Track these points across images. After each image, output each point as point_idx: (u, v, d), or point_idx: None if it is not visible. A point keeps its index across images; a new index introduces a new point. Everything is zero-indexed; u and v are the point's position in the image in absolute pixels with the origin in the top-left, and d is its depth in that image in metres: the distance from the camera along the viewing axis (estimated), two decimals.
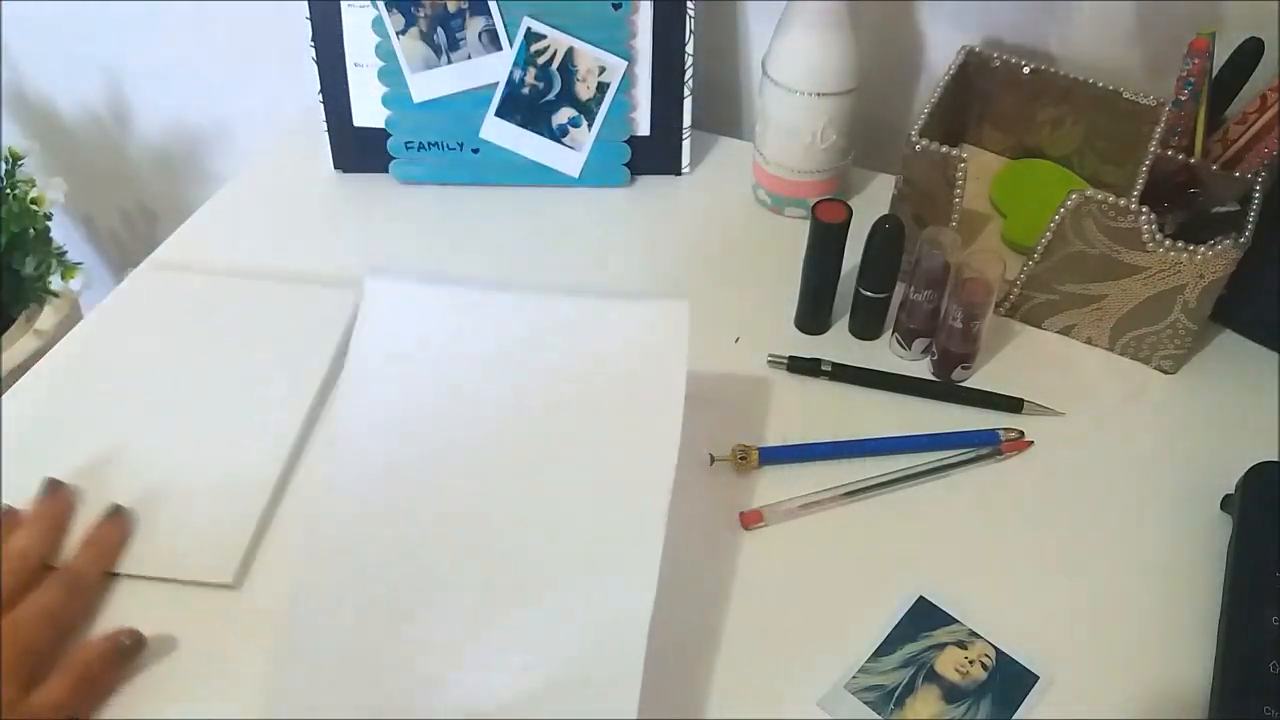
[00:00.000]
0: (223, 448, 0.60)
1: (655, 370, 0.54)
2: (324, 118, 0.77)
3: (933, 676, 0.53)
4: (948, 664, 0.53)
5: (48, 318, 1.06)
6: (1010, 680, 0.53)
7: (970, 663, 0.53)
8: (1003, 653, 0.53)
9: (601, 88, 0.75)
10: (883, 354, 0.67)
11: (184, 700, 0.51)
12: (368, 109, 0.76)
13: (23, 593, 0.51)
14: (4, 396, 0.63)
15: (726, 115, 0.87)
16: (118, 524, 0.55)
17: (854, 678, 0.53)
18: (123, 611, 0.54)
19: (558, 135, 0.76)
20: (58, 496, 0.56)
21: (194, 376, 0.64)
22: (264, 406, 0.63)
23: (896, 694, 0.52)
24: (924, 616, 0.55)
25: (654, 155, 0.78)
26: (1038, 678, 0.53)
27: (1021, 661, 0.53)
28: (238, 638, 0.53)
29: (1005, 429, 0.62)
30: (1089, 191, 0.60)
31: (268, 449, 0.60)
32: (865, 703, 0.52)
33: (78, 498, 0.57)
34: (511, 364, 0.55)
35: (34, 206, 1.08)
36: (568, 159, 0.77)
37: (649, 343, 0.55)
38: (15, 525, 0.55)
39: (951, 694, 0.52)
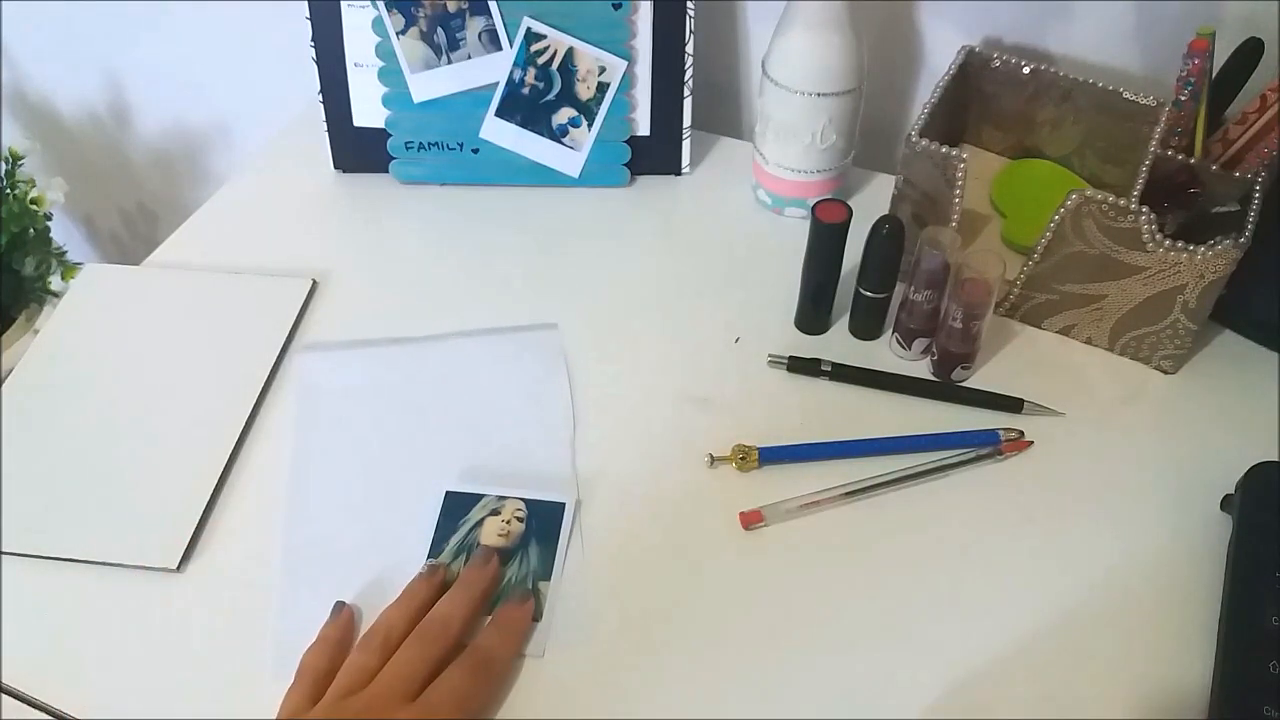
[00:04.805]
0: (170, 435, 0.62)
1: (546, 378, 0.65)
2: (324, 118, 0.77)
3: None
4: (490, 534, 0.57)
5: (48, 318, 1.07)
6: (545, 518, 0.57)
7: (507, 523, 0.57)
8: (530, 500, 0.58)
9: (601, 88, 0.75)
10: (883, 354, 0.67)
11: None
12: (368, 109, 0.76)
13: (438, 664, 0.50)
14: None
15: (726, 115, 0.87)
16: (526, 609, 0.54)
17: None
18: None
19: (558, 135, 0.76)
20: (488, 567, 0.55)
21: (142, 368, 0.66)
22: (211, 394, 0.64)
23: None
24: (457, 506, 0.58)
25: (654, 155, 0.78)
26: (563, 504, 0.58)
27: (546, 499, 0.58)
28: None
29: (1005, 429, 0.62)
30: (1089, 191, 0.60)
31: (214, 436, 0.62)
32: None
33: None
34: (431, 394, 0.65)
35: (34, 206, 1.08)
36: (568, 159, 0.77)
37: (534, 361, 0.66)
38: (438, 585, 0.54)
39: (504, 557, 0.56)
